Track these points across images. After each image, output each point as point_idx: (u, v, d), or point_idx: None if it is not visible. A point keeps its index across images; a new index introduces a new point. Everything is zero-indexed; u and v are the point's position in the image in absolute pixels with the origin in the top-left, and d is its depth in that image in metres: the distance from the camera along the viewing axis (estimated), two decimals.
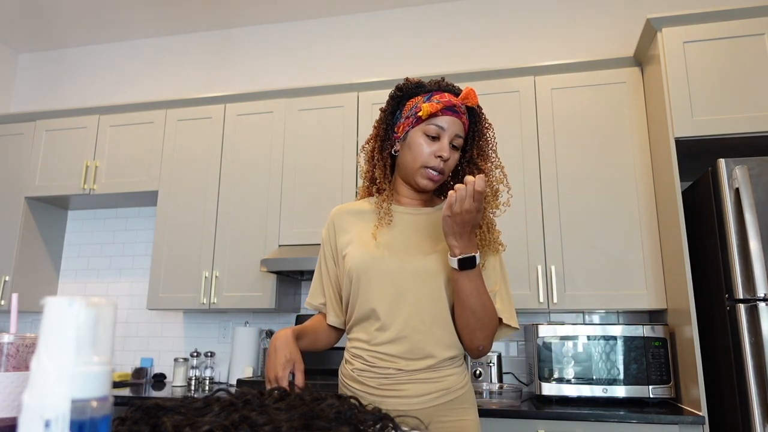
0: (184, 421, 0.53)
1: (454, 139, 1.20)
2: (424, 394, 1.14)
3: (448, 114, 1.19)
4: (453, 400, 1.16)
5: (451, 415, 1.15)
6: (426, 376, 1.15)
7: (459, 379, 1.18)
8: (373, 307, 1.18)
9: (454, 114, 1.19)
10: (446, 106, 1.19)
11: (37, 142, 3.14)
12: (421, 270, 1.17)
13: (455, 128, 1.20)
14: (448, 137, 1.19)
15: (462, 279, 1.11)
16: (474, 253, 1.09)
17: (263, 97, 2.87)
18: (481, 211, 1.05)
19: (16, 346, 0.64)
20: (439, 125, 1.19)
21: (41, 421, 0.37)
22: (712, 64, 2.12)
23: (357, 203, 1.34)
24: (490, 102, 2.57)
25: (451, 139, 1.20)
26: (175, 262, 2.79)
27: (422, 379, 1.14)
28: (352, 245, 1.24)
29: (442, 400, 1.15)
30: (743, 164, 1.90)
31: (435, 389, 1.15)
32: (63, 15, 3.36)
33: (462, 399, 1.18)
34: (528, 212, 2.42)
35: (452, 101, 1.20)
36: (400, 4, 3.19)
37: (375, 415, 0.59)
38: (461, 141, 1.22)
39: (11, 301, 0.74)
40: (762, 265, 1.82)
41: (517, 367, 2.62)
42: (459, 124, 1.20)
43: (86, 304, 0.39)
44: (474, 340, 1.16)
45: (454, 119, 1.19)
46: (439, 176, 1.21)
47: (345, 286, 1.24)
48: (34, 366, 0.39)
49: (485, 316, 1.14)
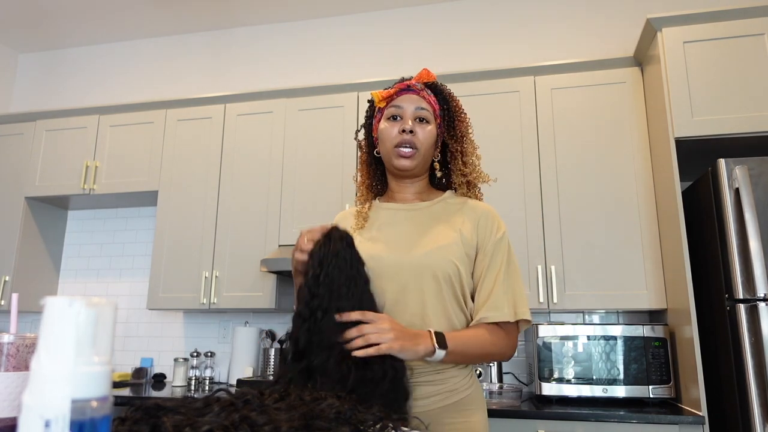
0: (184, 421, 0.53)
1: (418, 113, 1.21)
2: (429, 396, 1.13)
3: (403, 93, 1.22)
4: (458, 402, 1.15)
5: (458, 417, 1.14)
6: (430, 378, 1.14)
7: (464, 380, 1.17)
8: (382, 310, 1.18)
9: (410, 91, 1.22)
10: (400, 88, 1.23)
11: (37, 142, 3.14)
12: (420, 265, 1.15)
13: (414, 103, 1.21)
14: (410, 113, 1.21)
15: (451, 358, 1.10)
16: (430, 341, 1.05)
17: (263, 97, 2.87)
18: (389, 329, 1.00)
19: (16, 346, 0.64)
20: (396, 105, 1.22)
21: (41, 421, 0.37)
22: (712, 64, 2.12)
23: (356, 207, 1.36)
24: (490, 102, 2.57)
25: (414, 115, 1.21)
26: (175, 262, 2.79)
27: (426, 381, 1.14)
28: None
29: (448, 402, 1.14)
30: (743, 164, 1.90)
31: (440, 390, 1.14)
32: (63, 15, 3.36)
33: (468, 400, 1.16)
34: (528, 212, 2.42)
35: (405, 83, 1.23)
36: (400, 4, 3.19)
37: (375, 415, 0.59)
38: (427, 113, 1.21)
39: (11, 301, 0.74)
40: (762, 265, 1.82)
41: (517, 367, 2.62)
42: (418, 98, 1.22)
43: (86, 304, 0.39)
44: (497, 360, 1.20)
45: (410, 95, 1.22)
46: (410, 151, 1.20)
47: None
48: (34, 366, 0.39)
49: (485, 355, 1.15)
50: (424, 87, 1.23)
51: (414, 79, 1.25)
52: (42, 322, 0.39)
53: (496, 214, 1.25)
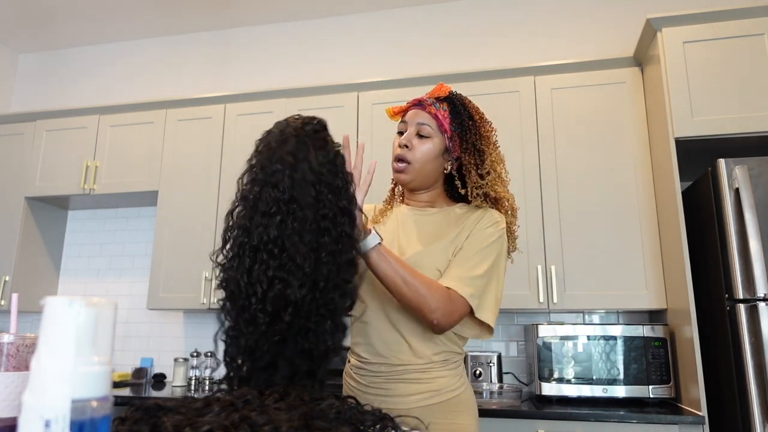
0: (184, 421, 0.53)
1: (418, 128, 1.22)
2: (412, 393, 1.13)
3: (412, 108, 1.25)
4: (445, 402, 1.14)
5: (443, 418, 1.13)
6: (415, 376, 1.14)
7: (451, 381, 1.17)
8: (365, 302, 1.18)
9: (418, 107, 1.24)
10: (412, 104, 1.25)
11: (37, 142, 3.14)
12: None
13: (417, 118, 1.22)
14: (412, 127, 1.22)
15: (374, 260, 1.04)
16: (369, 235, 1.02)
17: (263, 97, 2.87)
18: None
19: (16, 346, 0.64)
20: (403, 120, 1.25)
21: (41, 421, 0.37)
22: (712, 64, 2.12)
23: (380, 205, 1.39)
24: (490, 102, 2.57)
25: (416, 130, 1.22)
26: (175, 262, 2.79)
27: (411, 379, 1.14)
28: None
29: (432, 402, 1.13)
30: (743, 164, 1.90)
31: (424, 390, 1.14)
32: (63, 15, 3.35)
33: (455, 402, 1.16)
34: (528, 212, 2.42)
35: (418, 99, 1.25)
36: (401, 4, 3.19)
37: (375, 415, 0.59)
38: (428, 128, 1.21)
39: (11, 301, 0.74)
40: (762, 265, 1.82)
41: (517, 367, 2.62)
42: (423, 114, 1.23)
43: (86, 304, 0.39)
44: (425, 314, 1.07)
45: (417, 111, 1.24)
46: (401, 165, 1.21)
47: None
48: (34, 366, 0.39)
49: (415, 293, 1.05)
50: (434, 102, 1.23)
51: (428, 94, 1.26)
52: (42, 322, 0.39)
53: (497, 216, 1.23)
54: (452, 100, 1.24)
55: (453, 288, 1.10)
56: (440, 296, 1.07)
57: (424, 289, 1.06)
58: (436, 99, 1.23)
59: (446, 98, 1.24)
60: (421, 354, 1.15)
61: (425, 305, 1.06)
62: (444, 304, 1.07)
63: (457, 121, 1.22)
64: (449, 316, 1.09)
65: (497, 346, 2.64)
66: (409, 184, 1.24)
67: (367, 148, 2.66)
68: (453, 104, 1.23)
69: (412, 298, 1.05)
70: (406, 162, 1.21)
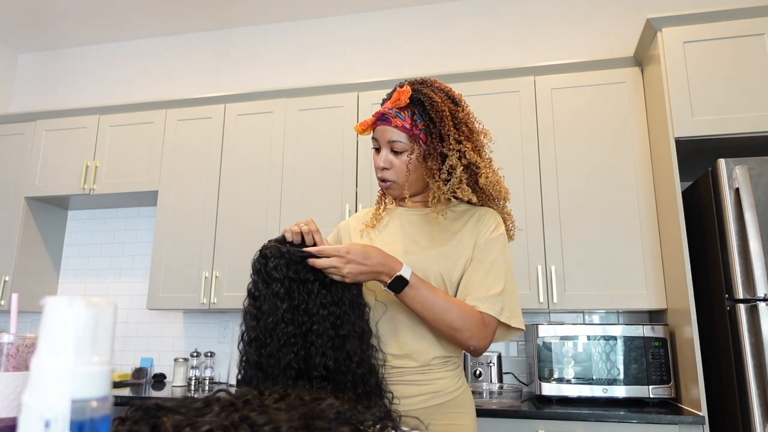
0: (184, 421, 0.53)
1: (391, 145, 1.19)
2: (412, 395, 1.13)
3: (378, 125, 1.21)
4: (444, 404, 1.14)
5: (443, 419, 1.14)
6: (414, 377, 1.14)
7: (451, 382, 1.17)
8: (365, 304, 1.19)
9: (383, 122, 1.19)
10: (376, 117, 1.21)
11: (37, 142, 3.14)
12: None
13: (386, 135, 1.19)
14: (385, 147, 1.20)
15: (405, 301, 1.09)
16: (396, 274, 1.07)
17: (263, 97, 2.87)
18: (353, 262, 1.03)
19: (16, 346, 0.64)
20: (374, 137, 1.23)
21: (41, 421, 0.37)
22: (712, 64, 2.12)
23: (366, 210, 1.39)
24: (490, 102, 2.57)
25: (388, 147, 1.20)
26: (175, 262, 2.79)
27: (411, 380, 1.14)
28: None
29: (432, 403, 1.13)
30: (743, 164, 1.90)
31: (424, 391, 1.14)
32: (63, 15, 3.35)
33: (455, 403, 1.16)
34: (528, 212, 2.42)
35: (380, 111, 1.21)
36: (400, 4, 3.19)
37: (375, 415, 0.59)
38: (399, 144, 1.17)
39: (11, 301, 0.74)
40: (762, 265, 1.81)
41: (517, 367, 2.62)
42: (389, 130, 1.18)
43: (86, 304, 0.39)
44: (459, 343, 1.13)
45: (383, 127, 1.19)
46: (386, 184, 1.22)
47: None
48: (34, 366, 0.39)
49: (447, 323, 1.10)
50: (397, 113, 1.18)
51: (389, 103, 1.20)
52: (42, 322, 0.39)
53: (497, 216, 1.25)
54: (414, 102, 1.18)
55: (484, 311, 1.13)
56: (474, 324, 1.12)
57: (459, 323, 1.10)
58: (399, 109, 1.18)
59: (408, 105, 1.18)
60: (420, 356, 1.15)
61: (461, 339, 1.11)
62: (478, 331, 1.12)
63: (426, 122, 1.17)
64: (484, 339, 1.14)
65: (497, 346, 2.63)
66: (401, 195, 1.24)
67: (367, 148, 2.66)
68: (417, 105, 1.18)
69: (446, 331, 1.11)
70: (390, 181, 1.21)
